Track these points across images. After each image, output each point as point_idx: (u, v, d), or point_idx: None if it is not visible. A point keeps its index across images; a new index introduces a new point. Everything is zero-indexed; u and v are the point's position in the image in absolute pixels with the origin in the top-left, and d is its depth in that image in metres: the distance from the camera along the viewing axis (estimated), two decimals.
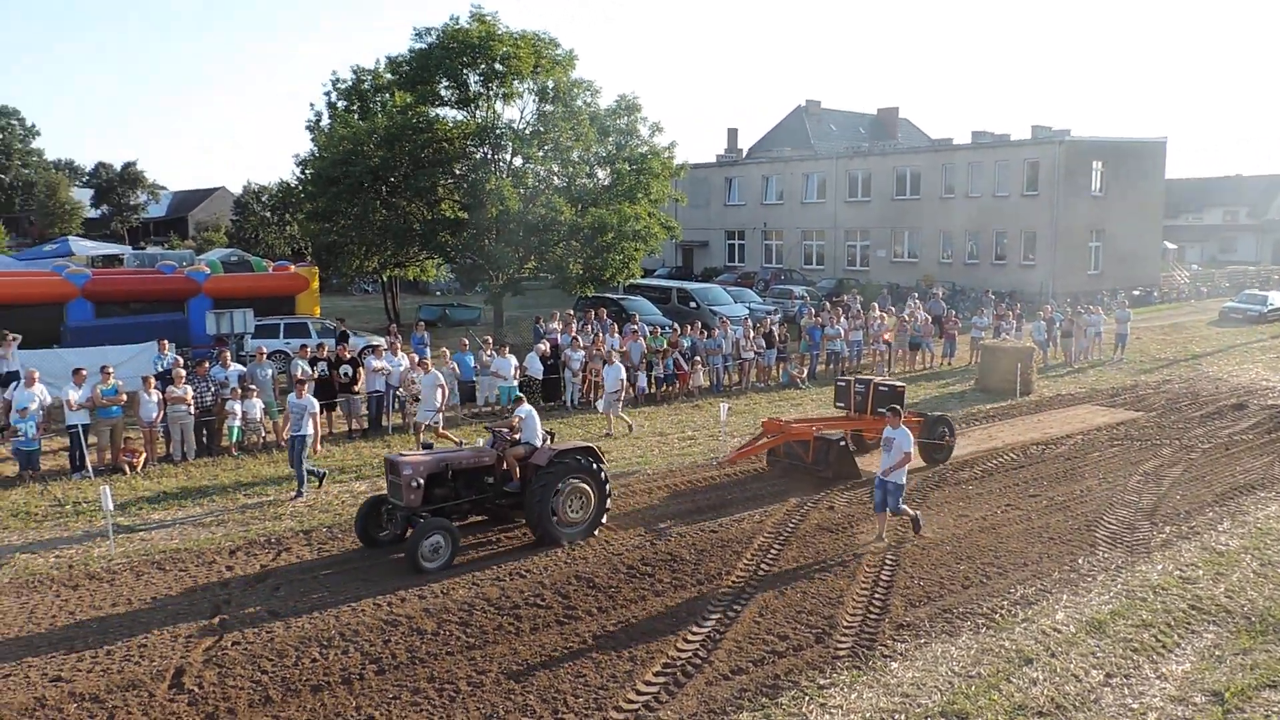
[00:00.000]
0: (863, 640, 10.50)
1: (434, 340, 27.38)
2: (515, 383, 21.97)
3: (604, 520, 13.94)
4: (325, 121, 34.95)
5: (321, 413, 19.72)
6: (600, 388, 23.80)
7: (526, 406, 14.36)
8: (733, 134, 71.11)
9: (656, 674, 9.68)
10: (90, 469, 16.81)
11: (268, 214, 65.63)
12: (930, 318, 30.80)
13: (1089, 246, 47.71)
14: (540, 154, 31.99)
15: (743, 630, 10.70)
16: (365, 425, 20.46)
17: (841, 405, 18.70)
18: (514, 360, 22.08)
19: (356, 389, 20.12)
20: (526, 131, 32.15)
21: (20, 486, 16.18)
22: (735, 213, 60.31)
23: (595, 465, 13.76)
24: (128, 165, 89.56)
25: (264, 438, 18.92)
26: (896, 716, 8.98)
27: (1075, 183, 45.96)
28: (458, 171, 32.42)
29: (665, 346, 25.08)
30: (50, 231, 76.29)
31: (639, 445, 19.54)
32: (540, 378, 22.66)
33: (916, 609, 11.36)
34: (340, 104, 35.10)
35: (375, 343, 24.72)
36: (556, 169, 33.36)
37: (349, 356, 20.51)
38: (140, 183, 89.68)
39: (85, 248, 52.91)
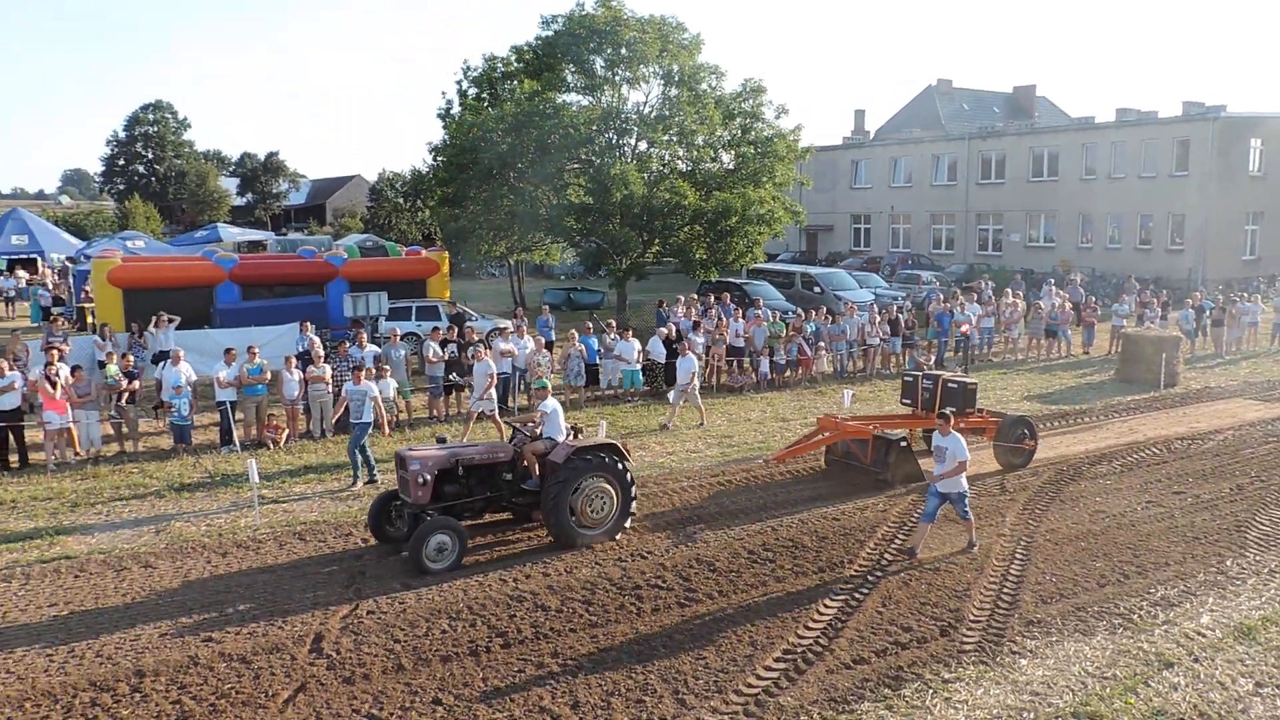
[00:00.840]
0: (990, 635, 10.22)
1: (559, 323, 27.84)
2: (639, 366, 22.17)
3: (628, 524, 13.13)
4: (456, 110, 35.79)
5: (450, 393, 20.42)
6: (721, 371, 23.79)
7: (551, 401, 13.52)
8: (860, 115, 69.78)
9: (777, 660, 9.64)
10: (237, 443, 17.77)
11: (401, 200, 67.77)
12: (1068, 304, 29.58)
13: (1245, 230, 44.88)
14: (665, 138, 32.07)
15: (865, 620, 10.55)
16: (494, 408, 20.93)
17: (908, 402, 17.45)
18: (637, 344, 22.27)
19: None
20: (651, 116, 32.26)
21: (175, 459, 17.21)
22: (861, 196, 59.12)
23: (619, 464, 12.89)
24: (270, 155, 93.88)
25: (396, 416, 19.59)
26: (1025, 715, 8.72)
27: (1230, 162, 43.26)
28: (583, 157, 32.76)
29: (788, 332, 24.84)
30: (200, 219, 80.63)
31: (740, 431, 19.43)
32: (663, 361, 22.76)
33: (1048, 605, 10.98)
34: (470, 92, 35.91)
35: (501, 326, 25.29)
36: (681, 153, 33.40)
37: (477, 339, 21.02)
38: (282, 172, 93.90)
39: (232, 234, 55.77)
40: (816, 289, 35.96)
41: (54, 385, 16.45)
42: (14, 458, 16.71)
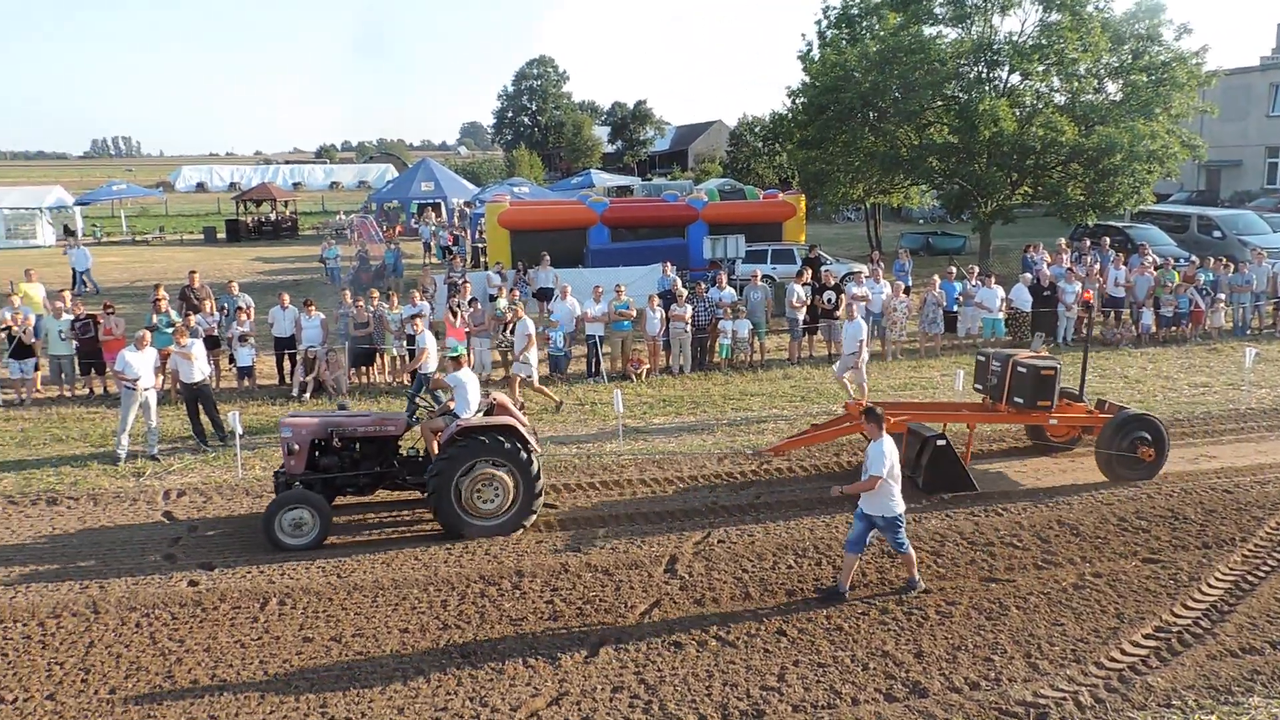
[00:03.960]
0: None
1: (917, 268, 26.99)
2: (1001, 315, 21.03)
3: (531, 520, 11.59)
4: (816, 51, 35.41)
5: (803, 336, 20.56)
6: (1095, 323, 21.98)
7: (461, 373, 11.82)
8: None
9: (1146, 636, 8.91)
10: (604, 375, 19.14)
11: (759, 144, 68.41)
12: None
13: None
14: (1041, 69, 29.71)
15: (1259, 605, 9.44)
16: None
17: (979, 388, 14.18)
18: (1000, 291, 21.10)
19: (838, 315, 20.54)
20: (1026, 45, 29.97)
21: (550, 386, 18.84)
22: None
23: (518, 449, 11.33)
24: (639, 104, 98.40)
25: (751, 356, 20.09)
26: None
27: None
28: (948, 93, 31.21)
29: (1178, 282, 22.33)
30: (576, 165, 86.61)
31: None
32: (1029, 310, 21.40)
33: None
34: (830, 32, 35.34)
35: (856, 270, 24.96)
36: (1058, 84, 30.83)
37: (832, 283, 20.93)
38: (649, 119, 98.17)
39: (603, 179, 59.33)
40: (1216, 233, 31.86)
41: (455, 316, 18.58)
42: None
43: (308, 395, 17.80)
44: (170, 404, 16.99)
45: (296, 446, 11.60)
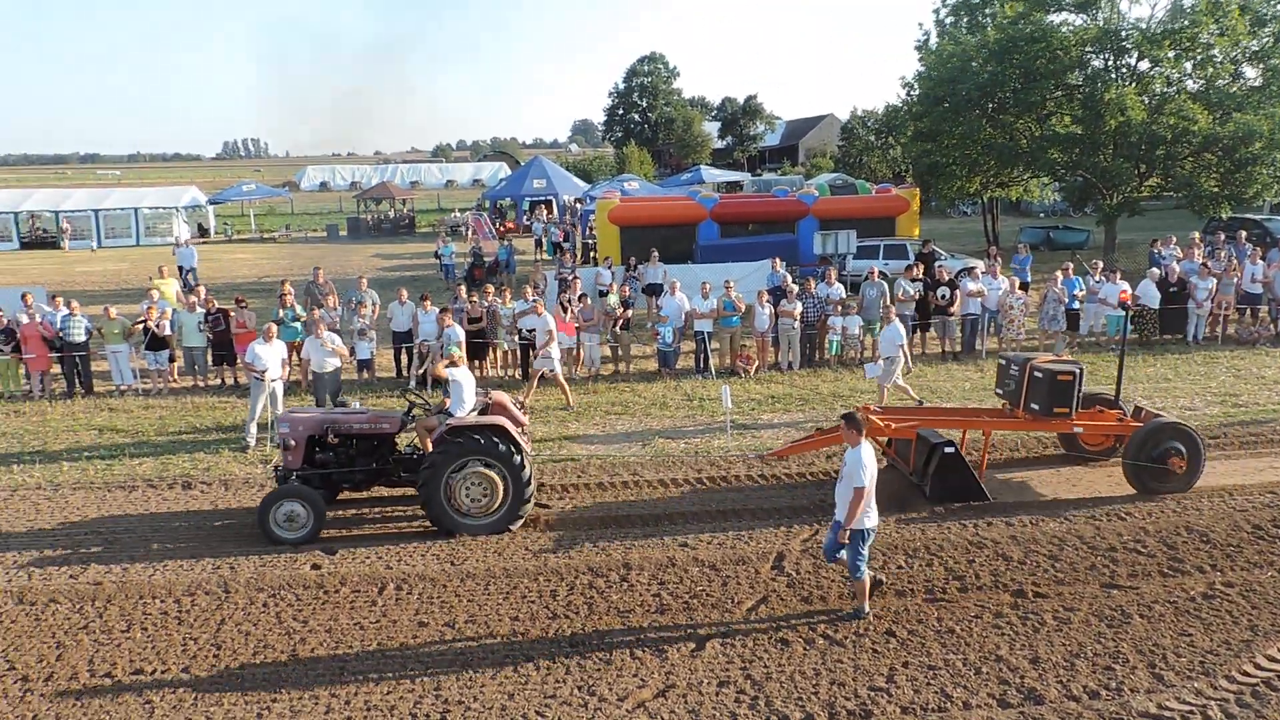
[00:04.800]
0: None
1: (1036, 264, 26.16)
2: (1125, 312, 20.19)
3: (519, 521, 11.54)
4: (933, 41, 34.64)
5: (915, 333, 20.16)
6: (1229, 320, 20.99)
7: (458, 370, 11.94)
8: None
9: None
10: (712, 370, 19.14)
11: (872, 138, 67.29)
12: None
13: None
14: (1171, 55, 28.41)
15: None
16: (958, 348, 20.38)
17: (1000, 393, 13.40)
18: (1125, 286, 20.27)
19: (952, 311, 20.08)
20: (1156, 31, 28.69)
21: (659, 381, 18.95)
22: None
23: (508, 449, 11.27)
24: (749, 99, 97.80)
25: (861, 353, 19.81)
26: None
27: None
28: (1071, 82, 30.14)
29: None
30: (685, 161, 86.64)
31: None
32: (1157, 307, 20.51)
33: None
34: (949, 21, 34.52)
35: (972, 265, 24.34)
36: (1190, 71, 29.40)
37: (947, 278, 20.47)
38: (759, 114, 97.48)
39: (713, 175, 59.29)
40: None
41: (565, 311, 18.84)
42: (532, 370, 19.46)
43: (426, 388, 18.32)
44: (295, 395, 17.71)
45: (293, 442, 11.81)
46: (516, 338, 19.11)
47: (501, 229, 44.75)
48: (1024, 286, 21.57)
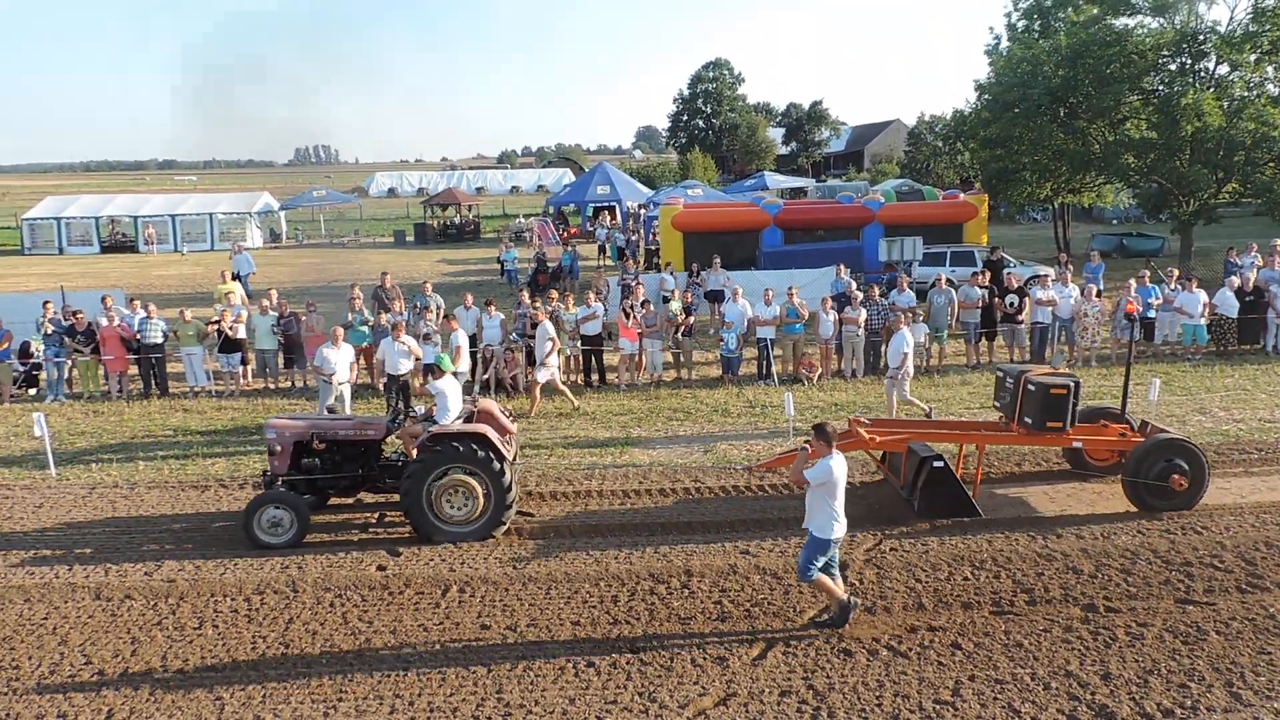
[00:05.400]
0: None
1: (1109, 272, 25.57)
2: (1203, 321, 19.68)
3: (502, 529, 11.54)
4: (1004, 45, 34.10)
5: (980, 341, 19.82)
6: None
7: (443, 381, 11.98)
8: None
9: None
10: (775, 377, 19.04)
11: (939, 144, 66.44)
12: None
13: None
14: (1252, 59, 27.56)
15: None
16: (1027, 357, 20.00)
17: (997, 406, 13.02)
18: (1202, 296, 19.74)
19: (1021, 319, 19.73)
20: (1236, 34, 27.87)
21: (721, 388, 18.90)
22: None
23: (488, 457, 11.33)
24: (814, 104, 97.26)
25: (927, 361, 19.54)
26: None
27: None
28: (1146, 86, 29.42)
29: None
30: (749, 168, 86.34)
31: None
32: (1235, 317, 19.91)
33: None
34: (1020, 25, 33.95)
35: (1042, 273, 23.86)
36: (1272, 74, 28.51)
37: (1016, 286, 20.11)
38: (824, 120, 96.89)
39: (777, 181, 59.00)
40: None
41: (628, 316, 18.90)
42: (595, 376, 19.55)
43: (490, 393, 18.50)
44: (363, 398, 18.01)
45: (279, 447, 11.95)
46: (579, 343, 19.22)
47: (565, 235, 45.01)
48: (1097, 294, 21.08)
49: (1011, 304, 19.69)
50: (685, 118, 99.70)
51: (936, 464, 11.71)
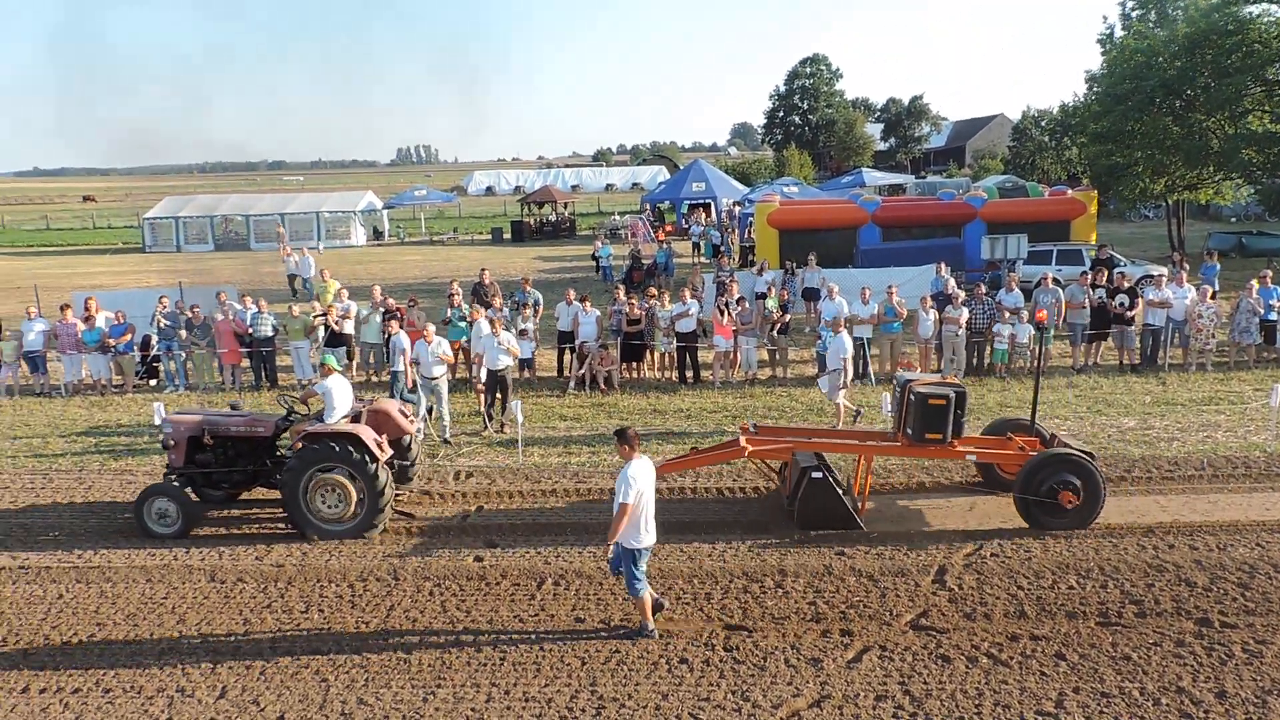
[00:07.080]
0: None
1: (1226, 272, 24.48)
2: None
3: (379, 527, 11.67)
4: (1118, 34, 32.94)
5: (1090, 343, 19.17)
6: None
7: (330, 380, 12.03)
8: None
9: None
10: (872, 377, 18.74)
11: (1045, 139, 64.57)
12: None
13: None
14: None
15: None
16: (1137, 360, 19.27)
17: (892, 413, 12.52)
18: None
19: (1132, 320, 19.02)
20: None
21: (816, 387, 18.66)
22: None
23: (361, 457, 11.39)
24: (915, 99, 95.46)
25: (1030, 362, 18.99)
26: None
27: None
28: (1270, 77, 28.05)
29: None
30: (846, 164, 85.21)
31: None
32: None
33: None
34: (1135, 14, 32.76)
35: (1155, 273, 22.96)
36: None
37: (1127, 286, 19.39)
38: (925, 115, 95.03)
39: (875, 178, 58.12)
40: None
41: (723, 314, 18.84)
42: (689, 373, 19.54)
43: (585, 389, 18.66)
44: (460, 392, 18.36)
45: (173, 442, 12.31)
46: (674, 340, 19.24)
47: (660, 232, 45.11)
48: (1213, 295, 20.20)
49: (1122, 304, 19.00)
50: (781, 114, 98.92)
51: (815, 475, 11.50)
